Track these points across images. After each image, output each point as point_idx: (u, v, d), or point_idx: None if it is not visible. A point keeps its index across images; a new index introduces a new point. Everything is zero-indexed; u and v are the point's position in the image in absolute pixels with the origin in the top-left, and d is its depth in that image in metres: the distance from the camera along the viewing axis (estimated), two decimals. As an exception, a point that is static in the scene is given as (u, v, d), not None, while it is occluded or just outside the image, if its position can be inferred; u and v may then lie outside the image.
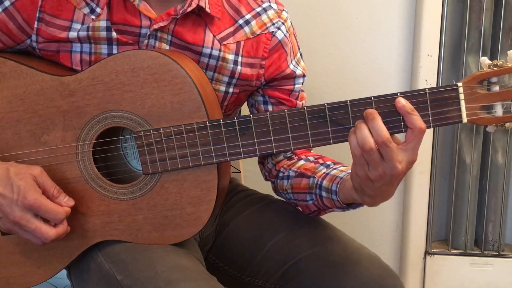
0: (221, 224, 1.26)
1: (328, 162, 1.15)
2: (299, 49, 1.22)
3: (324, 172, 1.11)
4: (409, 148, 0.92)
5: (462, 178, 1.98)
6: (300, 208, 1.20)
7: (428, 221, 2.01)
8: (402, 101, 0.92)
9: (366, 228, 2.08)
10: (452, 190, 2.00)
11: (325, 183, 1.08)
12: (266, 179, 1.27)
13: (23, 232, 0.98)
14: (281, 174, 1.20)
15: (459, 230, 2.02)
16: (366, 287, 1.08)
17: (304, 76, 1.21)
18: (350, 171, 1.07)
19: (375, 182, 0.93)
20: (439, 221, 2.08)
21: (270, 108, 1.20)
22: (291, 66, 1.18)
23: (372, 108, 0.93)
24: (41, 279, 1.09)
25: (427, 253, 2.03)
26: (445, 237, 2.09)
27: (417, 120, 0.91)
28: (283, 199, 1.24)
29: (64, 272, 1.15)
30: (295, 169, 1.17)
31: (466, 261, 2.02)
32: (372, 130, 0.91)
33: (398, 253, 2.09)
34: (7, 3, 1.04)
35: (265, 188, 1.34)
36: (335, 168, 1.11)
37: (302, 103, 1.22)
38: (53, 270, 1.08)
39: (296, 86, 1.20)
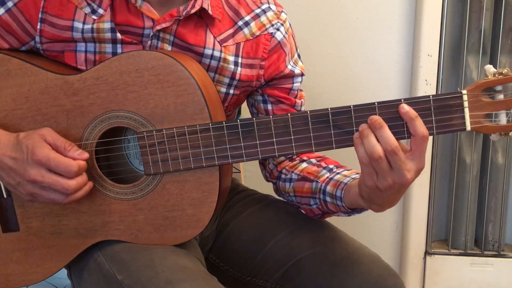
0: (222, 224, 1.26)
1: (331, 166, 1.15)
2: (297, 50, 1.23)
3: (327, 177, 1.11)
4: (416, 157, 0.92)
5: (462, 178, 1.98)
6: (303, 211, 1.20)
7: (428, 221, 2.00)
8: (406, 107, 0.92)
9: (366, 228, 2.08)
10: (452, 190, 2.00)
11: (329, 188, 1.08)
12: (268, 180, 1.27)
13: (44, 192, 0.98)
14: (283, 176, 1.20)
15: (459, 230, 2.02)
16: (367, 286, 1.08)
17: (302, 75, 1.22)
18: (354, 176, 1.07)
19: (384, 192, 0.93)
20: (439, 221, 2.08)
21: (269, 107, 1.21)
22: (289, 67, 1.19)
23: (376, 114, 0.93)
24: (40, 277, 1.09)
25: (427, 253, 2.03)
26: (445, 237, 2.09)
27: (419, 127, 0.91)
28: (284, 200, 1.25)
29: (64, 272, 1.16)
30: (298, 172, 1.17)
31: (466, 261, 2.02)
32: (380, 139, 0.91)
33: (398, 253, 2.09)
34: (10, 4, 1.05)
35: (265, 188, 1.34)
36: (338, 173, 1.11)
37: (301, 102, 1.23)
38: (53, 269, 1.08)
39: (295, 84, 1.21)
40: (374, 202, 0.97)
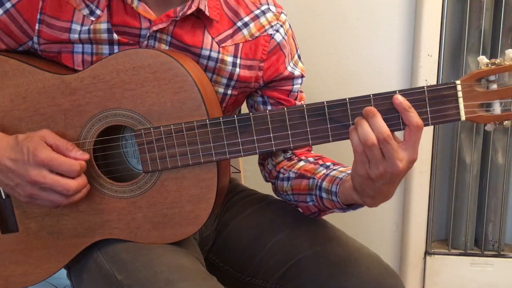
0: (222, 224, 1.26)
1: (328, 163, 1.15)
2: (297, 51, 1.23)
3: (323, 173, 1.11)
4: (409, 147, 0.92)
5: (462, 178, 1.98)
6: (300, 209, 1.20)
7: (428, 221, 2.01)
8: (399, 98, 0.92)
9: (366, 228, 2.08)
10: (452, 190, 2.00)
11: (325, 184, 1.08)
12: (267, 180, 1.27)
13: (44, 193, 0.98)
14: (281, 175, 1.20)
15: (459, 230, 2.02)
16: (367, 286, 1.08)
17: (302, 76, 1.22)
18: (349, 171, 1.07)
19: (376, 181, 0.93)
20: (439, 221, 2.08)
21: (269, 108, 1.20)
22: (289, 68, 1.19)
23: (371, 106, 0.93)
24: (40, 278, 1.09)
25: (427, 253, 2.03)
26: (445, 237, 2.09)
27: (414, 117, 0.91)
28: (284, 200, 1.24)
29: (64, 272, 1.16)
30: (295, 170, 1.17)
31: (466, 261, 2.02)
32: (373, 127, 0.91)
33: (398, 253, 2.09)
34: (8, 5, 1.05)
35: (265, 188, 1.34)
36: (334, 169, 1.11)
37: (301, 104, 1.22)
38: (52, 269, 1.08)
39: (295, 86, 1.21)
40: (367, 194, 0.97)
